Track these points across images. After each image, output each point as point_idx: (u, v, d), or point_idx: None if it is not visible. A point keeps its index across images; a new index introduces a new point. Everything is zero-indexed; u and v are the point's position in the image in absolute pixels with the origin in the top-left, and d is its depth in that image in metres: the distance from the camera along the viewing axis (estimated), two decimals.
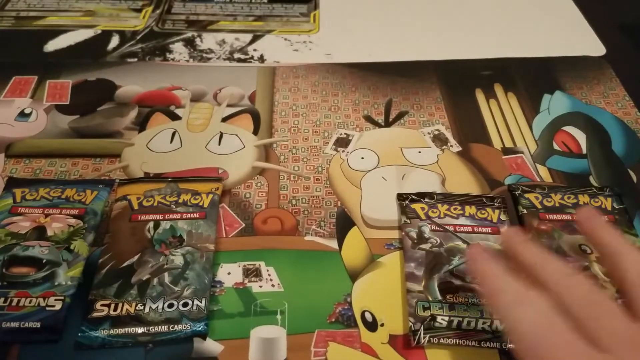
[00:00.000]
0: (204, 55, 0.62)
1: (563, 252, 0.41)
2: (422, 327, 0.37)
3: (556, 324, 0.28)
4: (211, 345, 0.37)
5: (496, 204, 0.45)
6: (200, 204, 0.44)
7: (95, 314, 0.37)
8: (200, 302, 0.38)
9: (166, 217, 0.43)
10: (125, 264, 0.40)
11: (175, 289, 0.38)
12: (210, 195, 0.45)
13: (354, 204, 0.47)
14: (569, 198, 0.45)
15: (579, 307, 0.28)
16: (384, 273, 0.42)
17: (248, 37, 0.65)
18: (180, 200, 0.44)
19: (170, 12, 0.68)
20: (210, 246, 0.42)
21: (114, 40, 0.64)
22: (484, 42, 0.65)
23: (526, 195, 0.45)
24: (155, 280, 0.39)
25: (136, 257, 0.40)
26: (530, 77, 0.60)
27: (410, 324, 0.37)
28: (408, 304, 0.38)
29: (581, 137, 0.53)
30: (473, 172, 0.50)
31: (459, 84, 0.59)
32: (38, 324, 0.36)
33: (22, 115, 0.54)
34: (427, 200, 0.45)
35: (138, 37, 0.64)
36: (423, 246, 0.41)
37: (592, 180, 0.49)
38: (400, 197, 0.45)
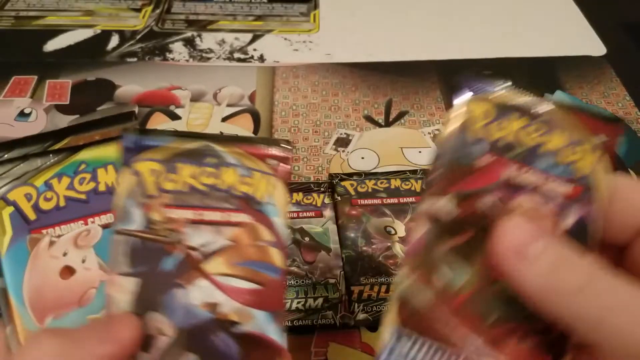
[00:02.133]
0: (204, 55, 0.62)
1: (369, 234, 0.42)
2: None
3: None
4: None
5: (322, 189, 0.46)
6: None
7: None
8: None
9: None
10: None
11: None
12: None
13: None
14: (381, 183, 0.46)
15: None
16: None
17: (248, 36, 0.65)
18: None
19: (170, 12, 0.68)
20: None
21: (114, 40, 0.64)
22: (484, 42, 0.65)
23: (342, 183, 0.46)
24: None
25: None
26: (531, 77, 0.60)
27: None
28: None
29: None
30: None
31: (459, 83, 0.59)
32: None
33: (22, 115, 0.54)
34: None
35: (138, 37, 0.64)
36: None
37: None
38: None
